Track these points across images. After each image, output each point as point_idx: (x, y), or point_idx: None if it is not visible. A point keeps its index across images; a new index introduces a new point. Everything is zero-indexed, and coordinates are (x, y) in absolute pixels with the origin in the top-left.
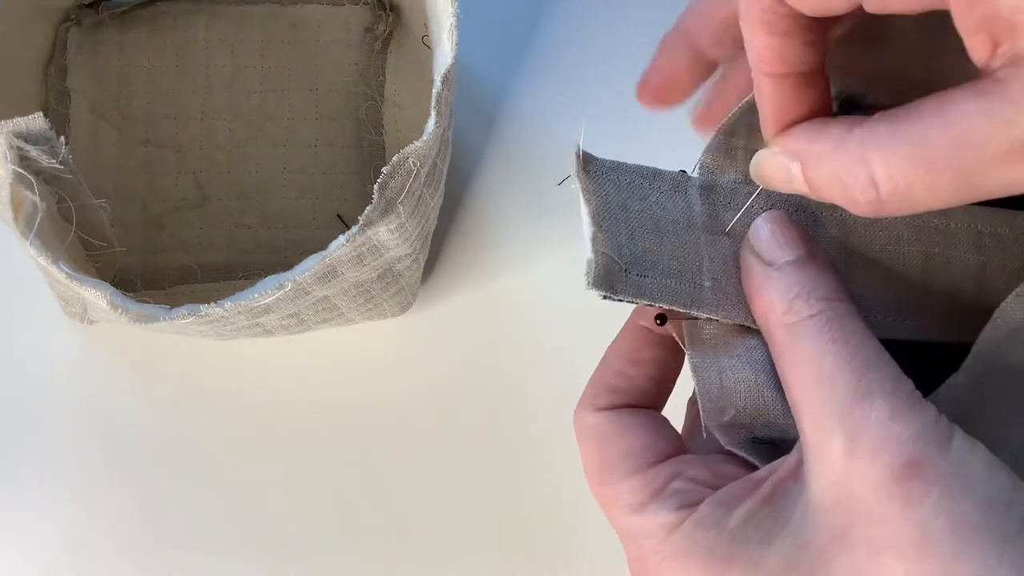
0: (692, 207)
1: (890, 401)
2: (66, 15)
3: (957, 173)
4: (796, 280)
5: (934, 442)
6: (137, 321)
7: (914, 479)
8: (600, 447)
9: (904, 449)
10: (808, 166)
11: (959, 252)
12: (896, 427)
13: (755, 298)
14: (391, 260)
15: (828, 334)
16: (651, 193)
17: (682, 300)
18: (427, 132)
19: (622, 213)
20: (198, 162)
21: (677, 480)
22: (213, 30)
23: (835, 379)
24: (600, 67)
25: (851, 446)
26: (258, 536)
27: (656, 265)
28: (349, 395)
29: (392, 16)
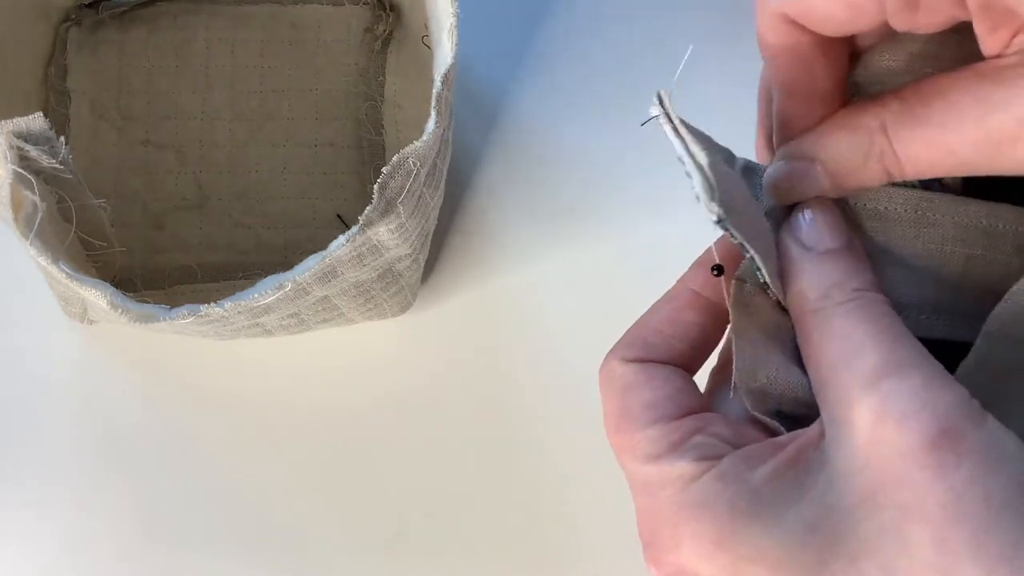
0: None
1: (923, 372)
2: (66, 15)
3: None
4: (832, 268)
5: (969, 415)
6: (137, 321)
7: (947, 448)
8: (622, 395)
9: (939, 417)
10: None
11: (1001, 255)
12: (931, 395)
13: (790, 282)
14: (391, 260)
15: (858, 315)
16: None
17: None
18: (427, 132)
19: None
20: (198, 162)
21: (699, 435)
22: (213, 30)
23: (864, 351)
24: (600, 67)
25: (881, 413)
26: (258, 536)
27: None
28: (349, 395)
29: (392, 16)
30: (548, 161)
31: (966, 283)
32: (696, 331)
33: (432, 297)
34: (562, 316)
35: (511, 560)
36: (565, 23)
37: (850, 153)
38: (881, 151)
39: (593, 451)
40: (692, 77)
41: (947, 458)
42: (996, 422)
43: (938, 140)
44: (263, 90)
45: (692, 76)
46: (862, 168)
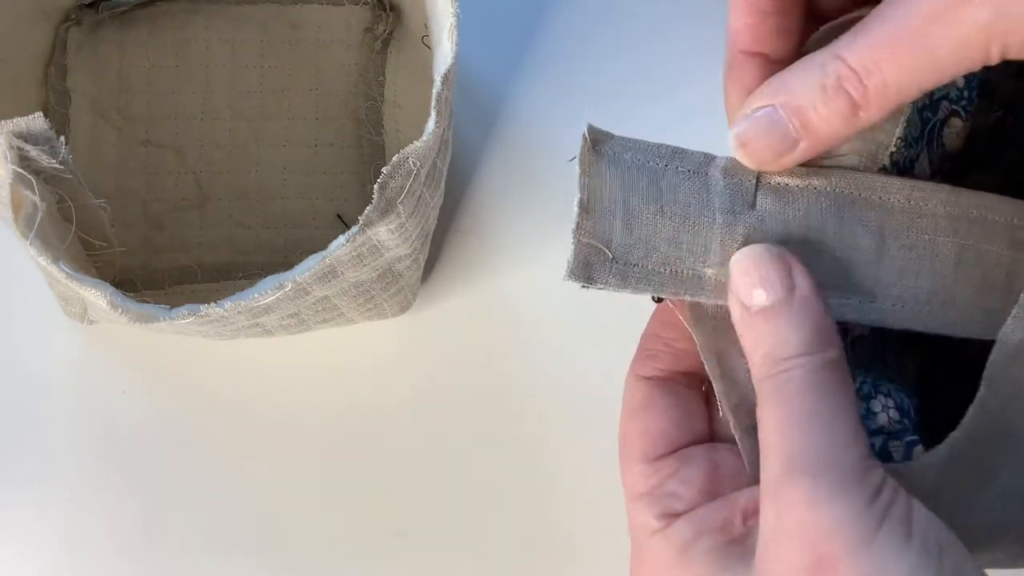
0: (711, 187)
1: (813, 483)
2: (66, 15)
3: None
4: (766, 333)
5: (849, 537)
6: (137, 321)
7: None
8: (627, 419)
9: (815, 543)
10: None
11: (993, 247)
12: (812, 515)
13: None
14: (391, 260)
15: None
16: (665, 174)
17: (675, 288)
18: (427, 132)
19: (624, 196)
20: (198, 162)
21: (672, 480)
22: (213, 30)
23: (771, 450)
24: (601, 67)
25: (775, 523)
26: (258, 536)
27: (651, 253)
28: (349, 395)
29: (392, 16)
30: (548, 161)
31: (959, 275)
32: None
33: (432, 297)
34: (562, 316)
35: (511, 560)
36: (565, 23)
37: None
38: (838, 74)
39: (592, 451)
40: (695, 75)
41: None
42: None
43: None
44: (263, 90)
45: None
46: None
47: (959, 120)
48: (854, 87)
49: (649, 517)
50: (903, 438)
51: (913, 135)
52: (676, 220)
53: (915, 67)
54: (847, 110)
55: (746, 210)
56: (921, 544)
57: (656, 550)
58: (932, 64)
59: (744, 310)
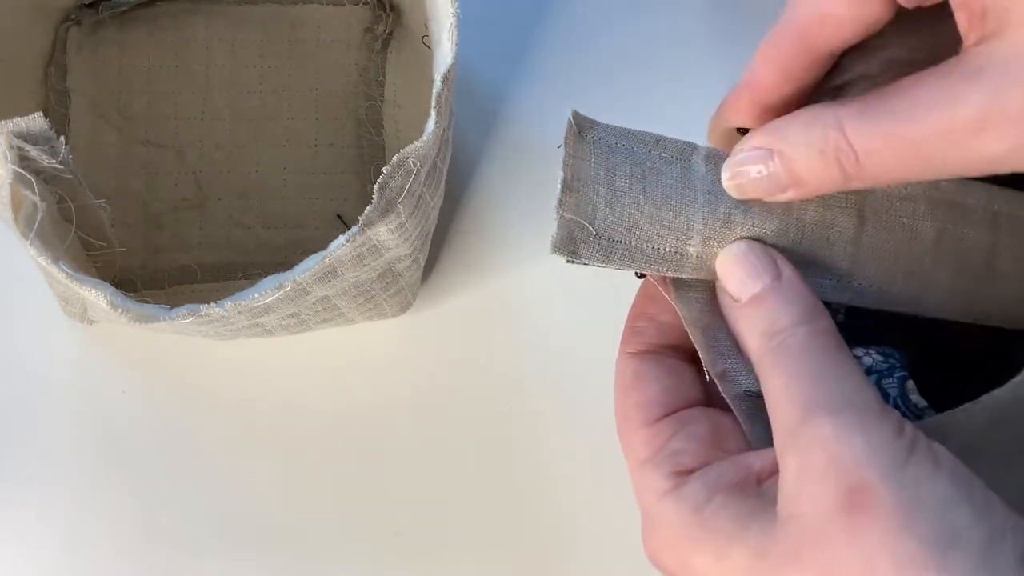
0: (694, 171)
1: (834, 419)
2: (66, 15)
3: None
4: (760, 315)
5: (882, 464)
6: (137, 321)
7: (857, 510)
8: (621, 396)
9: (847, 473)
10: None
11: (972, 230)
12: (838, 447)
13: (735, 334)
14: (391, 260)
15: (783, 361)
16: (648, 158)
17: (657, 266)
18: (427, 132)
19: (607, 177)
20: (198, 162)
21: (676, 439)
22: (213, 30)
23: (786, 402)
24: (601, 67)
25: (800, 465)
26: (258, 536)
27: (633, 230)
28: (349, 395)
29: (392, 16)
30: (548, 161)
31: (938, 257)
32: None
33: (432, 297)
34: (562, 316)
35: (511, 560)
36: (565, 23)
37: (806, 148)
38: (837, 147)
39: (593, 451)
40: (694, 75)
41: (859, 521)
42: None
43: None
44: (263, 90)
45: (694, 74)
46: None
47: None
48: (851, 164)
49: (658, 479)
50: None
51: None
52: (658, 200)
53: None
54: (839, 179)
55: (726, 194)
56: (950, 473)
57: (669, 512)
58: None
59: (734, 302)
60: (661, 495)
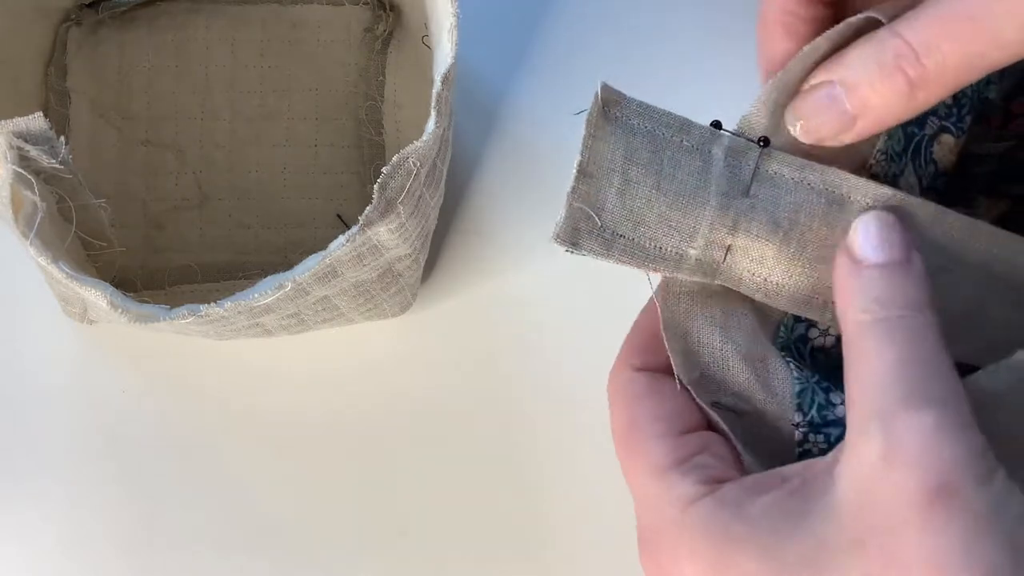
0: (712, 167)
1: (939, 414)
2: (66, 15)
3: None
4: (880, 283)
5: (974, 471)
6: (137, 321)
7: (942, 505)
8: (630, 406)
9: (941, 470)
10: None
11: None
12: (939, 444)
13: (838, 292)
14: (391, 260)
15: (897, 336)
16: (668, 147)
17: (655, 264)
18: (427, 132)
19: (624, 164)
20: (198, 162)
21: (703, 454)
22: (213, 30)
23: (891, 380)
24: (601, 67)
25: (889, 451)
26: (258, 536)
27: (639, 227)
28: (349, 395)
29: (392, 16)
30: (548, 161)
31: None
32: None
33: (432, 297)
34: (562, 316)
35: (512, 560)
36: (565, 23)
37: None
38: (896, 52)
39: (594, 450)
40: (694, 75)
41: (939, 515)
42: (1005, 480)
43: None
44: (263, 90)
45: (694, 74)
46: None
47: (950, 136)
48: (911, 65)
49: (688, 485)
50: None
51: (896, 149)
52: (670, 198)
53: (976, 46)
54: (904, 89)
55: (739, 196)
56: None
57: (701, 518)
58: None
59: (853, 262)
60: (690, 501)
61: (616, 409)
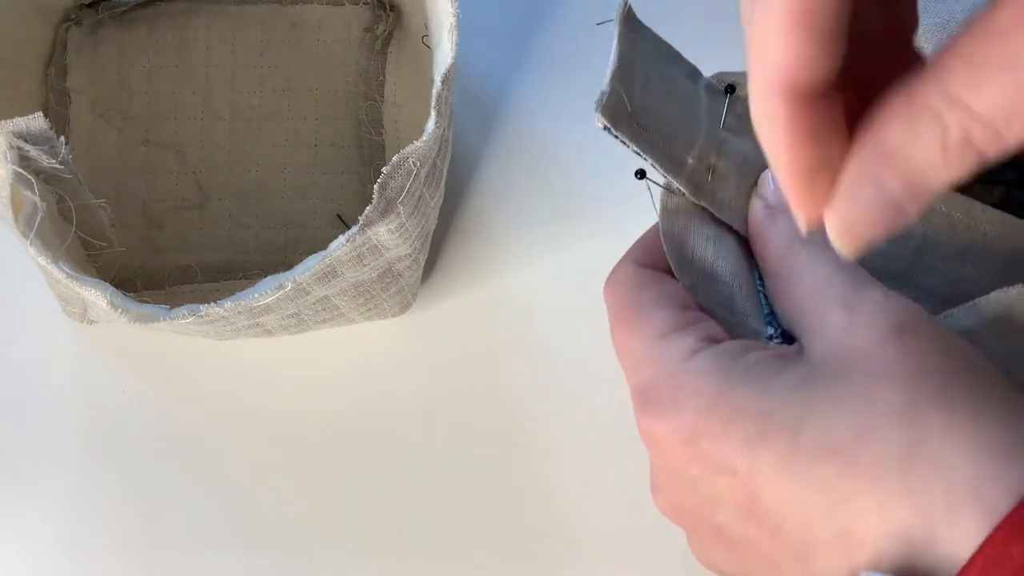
0: (699, 95)
1: (883, 289)
2: (66, 15)
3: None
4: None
5: (922, 315)
6: (137, 321)
7: (908, 335)
8: (636, 291)
9: (899, 315)
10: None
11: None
12: (889, 303)
13: (756, 235)
14: (391, 260)
15: (823, 254)
16: (671, 68)
17: (666, 164)
18: (427, 132)
19: (644, 66)
20: (198, 162)
21: (704, 323)
22: (213, 30)
23: (832, 278)
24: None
25: (850, 317)
26: (258, 536)
27: (658, 122)
28: (349, 395)
29: (392, 16)
30: (548, 161)
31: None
32: None
33: (432, 297)
34: (562, 316)
35: (512, 561)
36: (565, 23)
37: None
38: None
39: (594, 450)
40: None
41: (909, 341)
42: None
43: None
44: (263, 90)
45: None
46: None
47: None
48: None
49: (690, 341)
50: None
51: None
52: (677, 106)
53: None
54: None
55: (718, 125)
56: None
57: (703, 363)
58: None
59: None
60: (692, 352)
61: (617, 297)
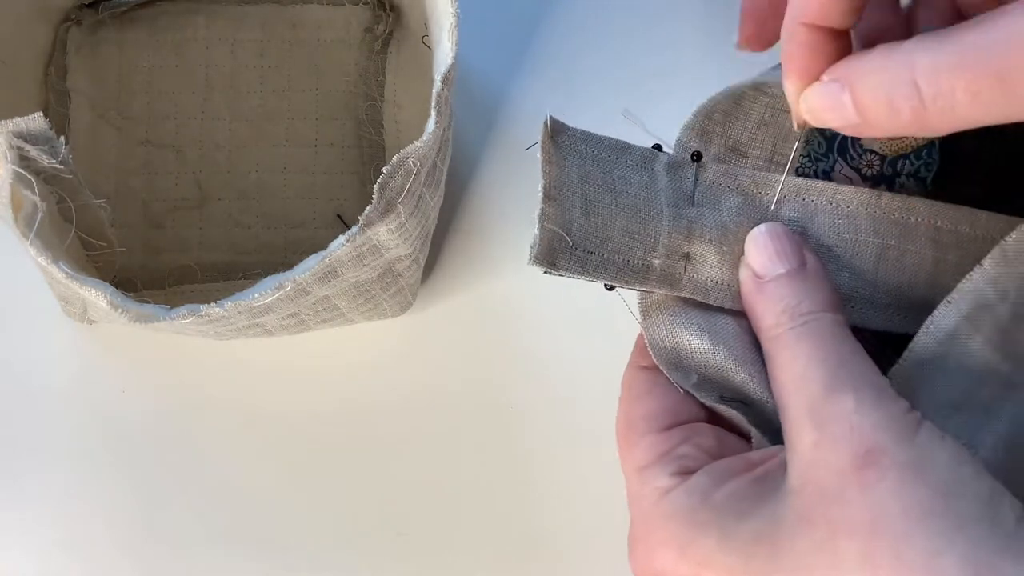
0: (657, 181)
1: (856, 395)
2: (66, 15)
3: (1001, 80)
4: (783, 294)
5: (895, 432)
6: (137, 321)
7: (871, 466)
8: (629, 405)
9: (864, 438)
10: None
11: (915, 246)
12: (858, 418)
13: (748, 310)
14: (391, 260)
15: (807, 341)
16: (616, 167)
17: (626, 277)
18: (427, 132)
19: (581, 185)
20: (198, 162)
21: (684, 445)
22: (213, 30)
23: (808, 379)
24: (600, 67)
25: (818, 437)
26: (258, 536)
27: (606, 242)
28: (349, 395)
29: (392, 16)
30: None
31: (882, 274)
32: None
33: (432, 297)
34: (561, 316)
35: (511, 560)
36: (565, 23)
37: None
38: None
39: (593, 449)
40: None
41: (870, 475)
42: (930, 433)
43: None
44: (263, 90)
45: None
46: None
47: None
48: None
49: (663, 478)
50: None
51: (819, 151)
52: (628, 211)
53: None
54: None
55: (687, 204)
56: (954, 444)
57: (671, 506)
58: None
59: (756, 279)
60: (663, 492)
61: (620, 408)
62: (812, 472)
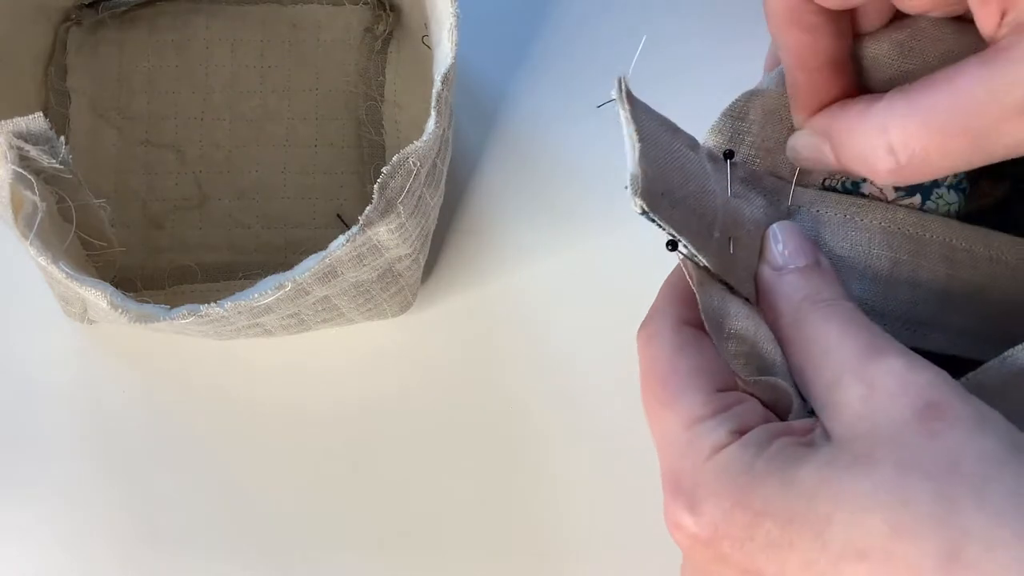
0: (705, 165)
1: (905, 358)
2: (66, 15)
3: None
4: (802, 284)
5: (951, 390)
6: (137, 321)
7: (935, 418)
8: (673, 353)
9: (924, 392)
10: (835, 142)
11: (928, 262)
12: (913, 376)
13: (765, 303)
14: (391, 260)
15: (835, 318)
16: (675, 141)
17: (697, 241)
18: (427, 132)
19: (654, 142)
20: (198, 162)
21: (738, 407)
22: (213, 30)
23: (845, 343)
24: (600, 67)
25: (868, 391)
26: (259, 536)
27: (683, 201)
28: (349, 395)
29: (392, 16)
30: (548, 161)
31: (892, 287)
32: None
33: (432, 297)
34: (562, 316)
35: (514, 559)
36: (565, 23)
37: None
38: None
39: (595, 449)
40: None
41: (937, 425)
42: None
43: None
44: (263, 90)
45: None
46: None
47: None
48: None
49: (721, 433)
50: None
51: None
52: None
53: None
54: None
55: (727, 194)
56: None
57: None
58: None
59: (774, 271)
60: (718, 448)
61: (653, 355)
62: (864, 424)
